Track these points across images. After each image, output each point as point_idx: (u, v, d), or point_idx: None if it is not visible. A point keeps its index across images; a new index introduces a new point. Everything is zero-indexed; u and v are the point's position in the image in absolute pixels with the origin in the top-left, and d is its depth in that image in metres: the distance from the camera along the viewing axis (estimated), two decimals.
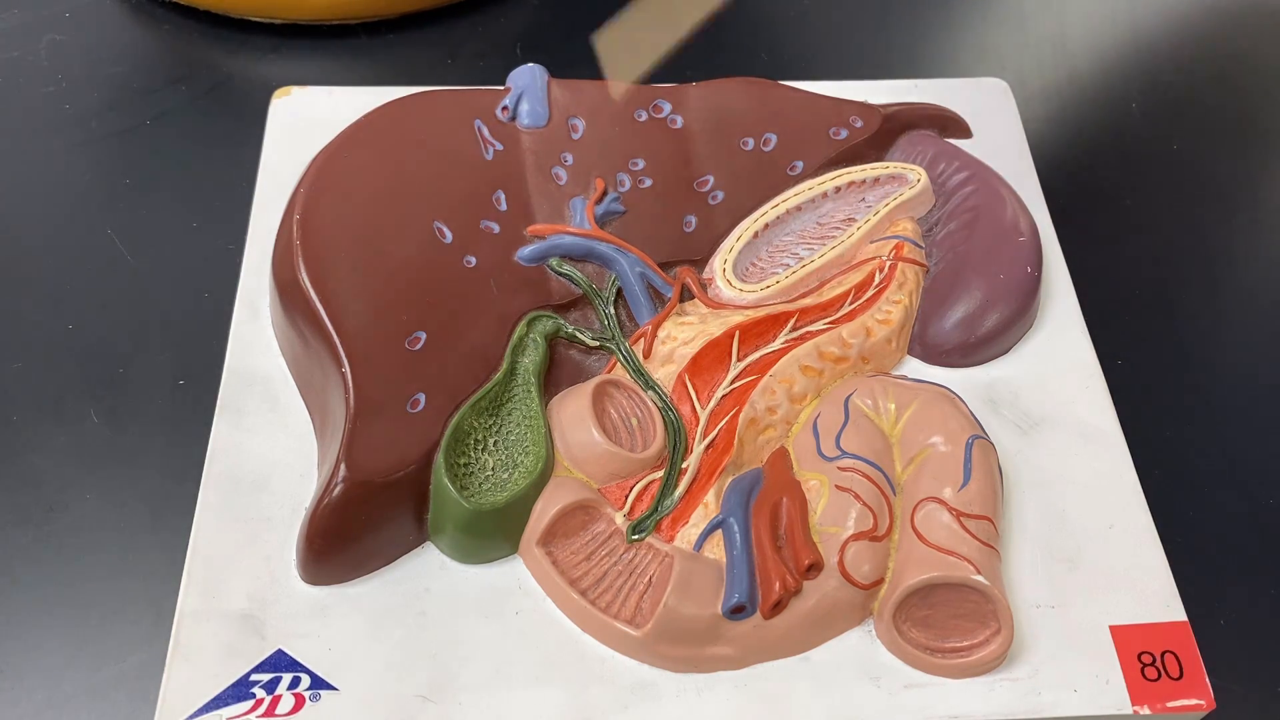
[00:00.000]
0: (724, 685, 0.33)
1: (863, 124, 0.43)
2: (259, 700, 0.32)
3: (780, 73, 0.45)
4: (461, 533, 0.34)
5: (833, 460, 0.35)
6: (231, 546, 0.34)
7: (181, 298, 0.43)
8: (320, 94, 0.45)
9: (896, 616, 0.33)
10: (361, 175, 0.38)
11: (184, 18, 0.52)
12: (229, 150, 0.47)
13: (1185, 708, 0.33)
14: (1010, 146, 0.45)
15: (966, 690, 0.33)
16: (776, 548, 0.34)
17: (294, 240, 0.36)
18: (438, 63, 0.52)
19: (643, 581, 0.34)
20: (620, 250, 0.39)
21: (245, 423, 0.37)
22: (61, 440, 0.39)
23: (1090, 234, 0.47)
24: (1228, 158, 0.51)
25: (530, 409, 0.36)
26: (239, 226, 0.42)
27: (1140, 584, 0.35)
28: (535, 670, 0.33)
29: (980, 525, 0.34)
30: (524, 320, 0.37)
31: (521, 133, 0.41)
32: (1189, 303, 0.46)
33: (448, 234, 0.38)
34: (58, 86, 0.50)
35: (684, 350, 0.37)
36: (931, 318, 0.39)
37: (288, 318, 0.37)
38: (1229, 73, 0.55)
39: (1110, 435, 0.38)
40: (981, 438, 0.35)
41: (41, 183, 0.46)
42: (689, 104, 0.42)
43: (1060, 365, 0.40)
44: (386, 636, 0.33)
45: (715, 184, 0.41)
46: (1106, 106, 0.52)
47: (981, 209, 0.41)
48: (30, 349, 0.41)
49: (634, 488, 0.35)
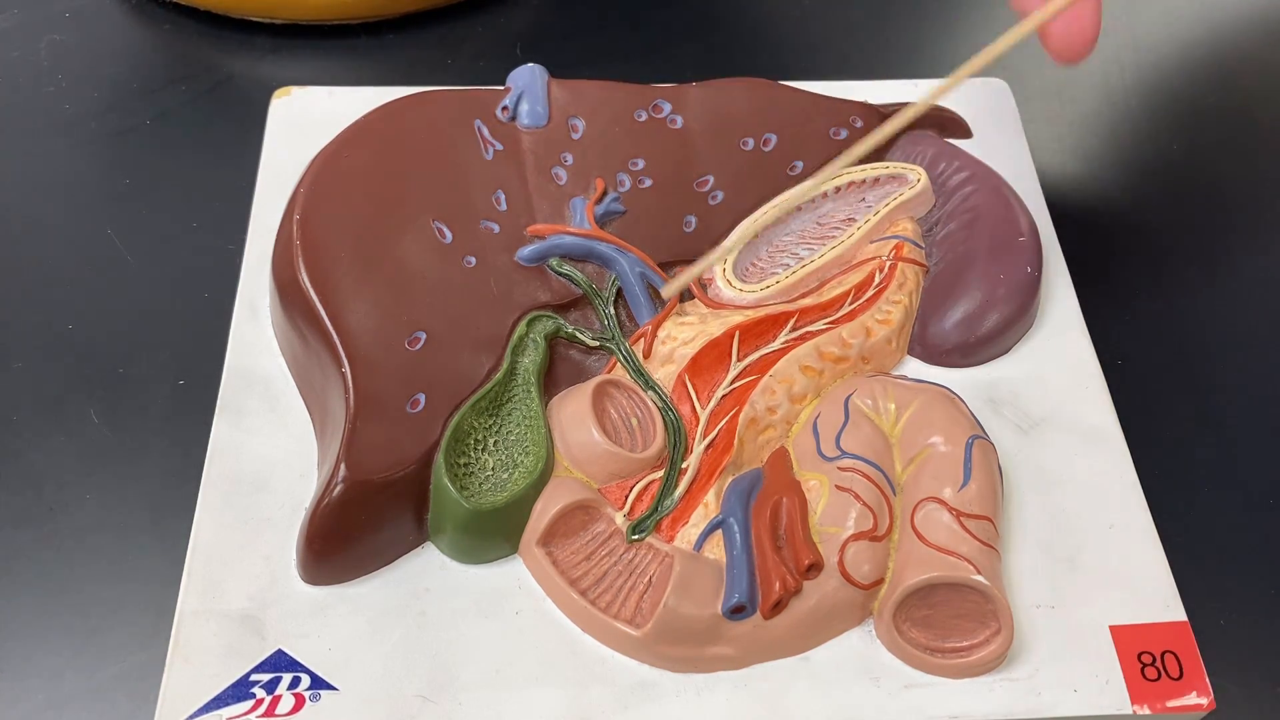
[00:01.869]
0: (724, 685, 0.33)
1: (863, 124, 0.43)
2: (259, 700, 0.32)
3: (780, 73, 0.45)
4: (461, 533, 0.34)
5: (833, 460, 0.35)
6: (231, 546, 0.34)
7: (181, 298, 0.43)
8: (320, 94, 0.45)
9: (896, 616, 0.33)
10: (361, 175, 0.38)
11: (184, 18, 0.52)
12: (229, 150, 0.47)
13: (1185, 708, 0.33)
14: (1010, 146, 0.45)
15: (966, 690, 0.33)
16: (776, 548, 0.34)
17: (294, 240, 0.36)
18: (438, 63, 0.52)
19: (643, 581, 0.34)
20: (620, 250, 0.39)
21: (245, 423, 0.37)
22: (61, 440, 0.39)
23: (1090, 234, 0.47)
24: (1228, 158, 0.51)
25: (530, 409, 0.36)
26: (239, 226, 0.42)
27: (1140, 584, 0.35)
28: (535, 670, 0.33)
29: (980, 525, 0.34)
30: (524, 320, 0.37)
31: (521, 133, 0.41)
32: (1189, 303, 0.46)
33: (448, 234, 0.38)
34: (58, 86, 0.49)
35: (684, 350, 0.37)
36: (931, 318, 0.39)
37: (288, 318, 0.37)
38: (1229, 73, 0.55)
39: (1110, 435, 0.38)
40: (981, 438, 0.35)
41: (41, 183, 0.46)
42: (689, 104, 0.42)
43: (1060, 365, 0.40)
44: (386, 636, 0.33)
45: (715, 184, 0.41)
46: (1106, 106, 0.52)
47: (981, 209, 0.41)
48: (30, 349, 0.41)
49: (634, 488, 0.35)
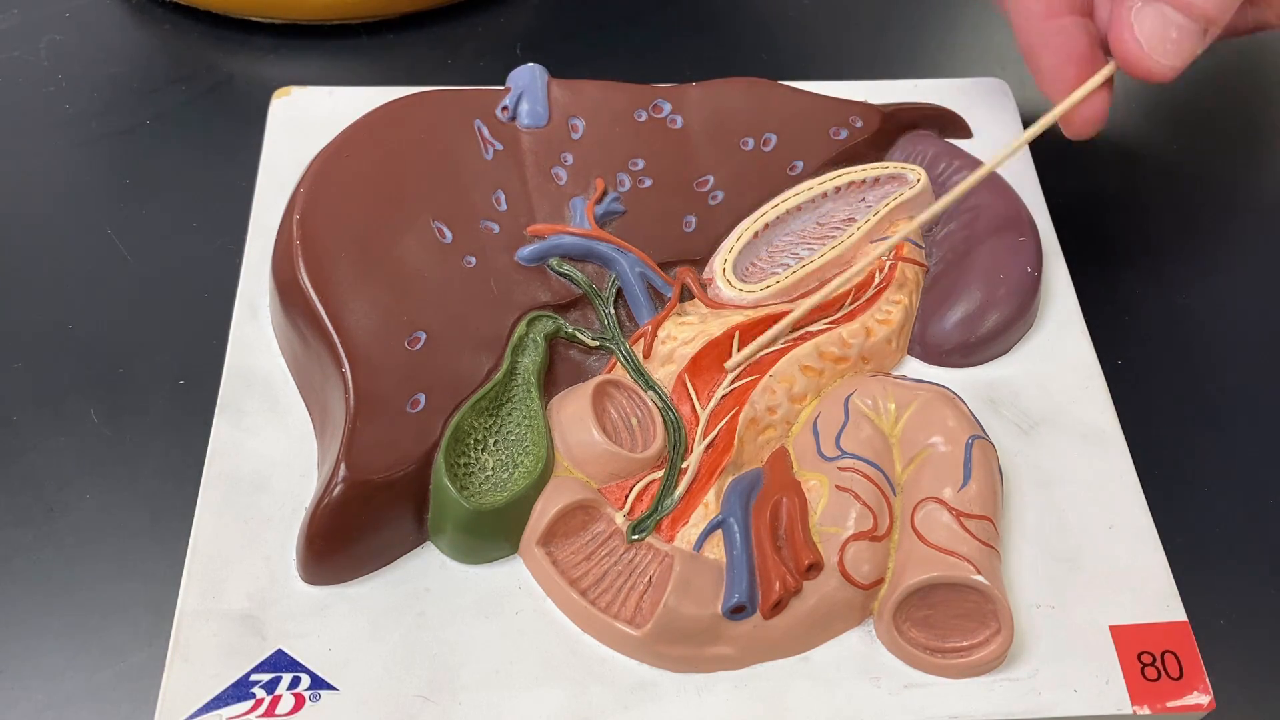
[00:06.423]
0: (724, 685, 0.33)
1: (863, 124, 0.43)
2: (259, 700, 0.32)
3: (780, 73, 0.45)
4: (461, 533, 0.34)
5: (833, 460, 0.35)
6: (231, 546, 0.34)
7: (181, 298, 0.43)
8: (320, 94, 0.45)
9: (896, 616, 0.33)
10: (361, 175, 0.38)
11: (184, 18, 0.52)
12: (229, 150, 0.47)
13: (1185, 708, 0.33)
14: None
15: (966, 690, 0.33)
16: (776, 548, 0.34)
17: (294, 240, 0.36)
18: (438, 63, 0.52)
19: (643, 581, 0.34)
20: (620, 250, 0.39)
21: (245, 423, 0.37)
22: (61, 440, 0.39)
23: (1090, 234, 0.47)
24: (1228, 158, 0.51)
25: (530, 409, 0.36)
26: (239, 226, 0.42)
27: (1140, 584, 0.35)
28: (535, 670, 0.33)
29: (980, 525, 0.34)
30: (524, 320, 0.37)
31: (521, 133, 0.41)
32: (1189, 303, 0.46)
33: (448, 234, 0.38)
34: (58, 86, 0.49)
35: (684, 350, 0.37)
36: (931, 318, 0.39)
37: (288, 318, 0.37)
38: (1230, 73, 0.55)
39: (1110, 435, 0.38)
40: (981, 438, 0.35)
41: (41, 183, 0.46)
42: (689, 104, 0.42)
43: (1060, 365, 0.40)
44: (386, 636, 0.33)
45: (715, 184, 0.41)
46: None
47: (981, 209, 0.41)
48: (30, 349, 0.41)
49: (634, 488, 0.35)
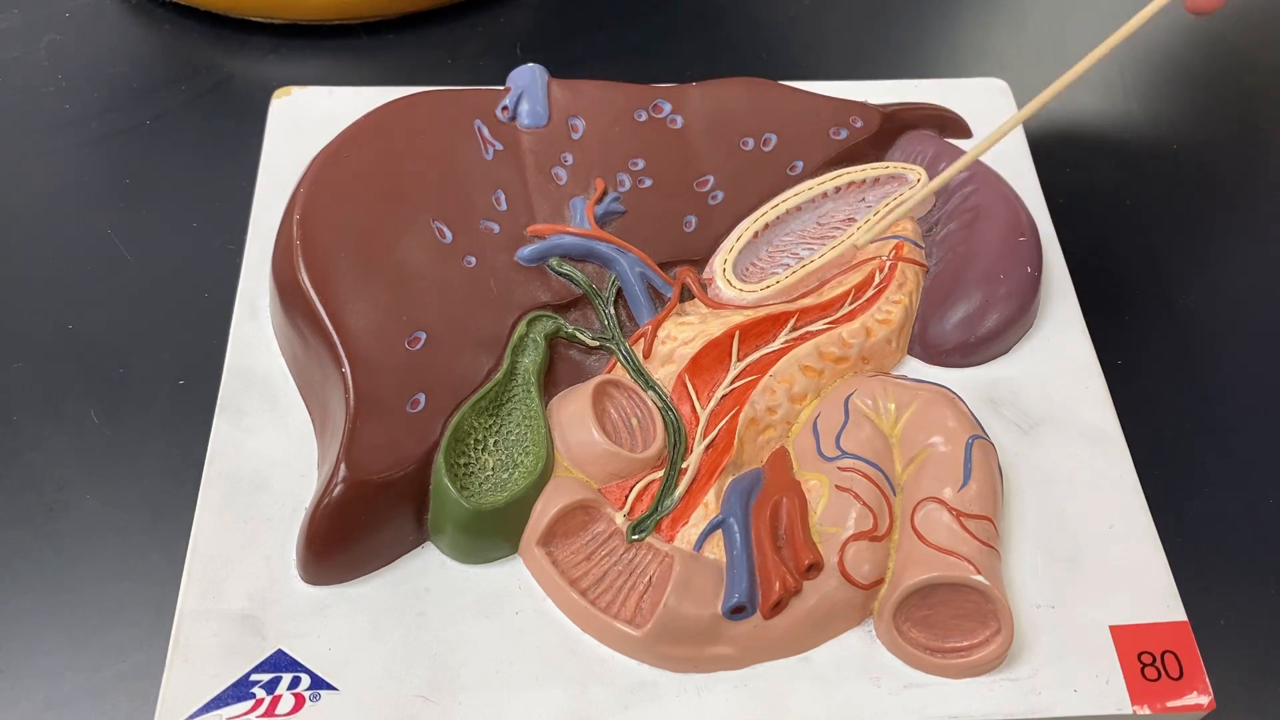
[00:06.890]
0: (724, 685, 0.33)
1: (863, 124, 0.43)
2: (259, 700, 0.32)
3: (780, 73, 0.45)
4: (461, 533, 0.34)
5: (833, 460, 0.35)
6: (231, 546, 0.34)
7: (181, 298, 0.43)
8: (320, 94, 0.45)
9: (897, 616, 0.33)
10: (361, 175, 0.38)
11: (184, 18, 0.52)
12: (229, 150, 0.47)
13: (1185, 707, 0.33)
14: (1010, 146, 0.45)
15: (966, 690, 0.33)
16: (776, 548, 0.34)
17: (294, 240, 0.36)
18: (438, 63, 0.52)
19: (643, 581, 0.34)
20: (620, 250, 0.39)
21: (245, 423, 0.37)
22: (61, 440, 0.39)
23: (1090, 234, 0.47)
24: (1228, 158, 0.51)
25: (530, 409, 0.36)
26: (239, 226, 0.42)
27: (1140, 584, 0.35)
28: (535, 670, 0.33)
29: (980, 525, 0.34)
30: (524, 320, 0.37)
31: (521, 133, 0.41)
32: (1189, 303, 0.46)
33: (448, 234, 0.38)
34: (58, 86, 0.49)
35: (684, 350, 0.37)
36: (931, 318, 0.39)
37: (288, 318, 0.37)
38: (1229, 72, 0.55)
39: (1110, 435, 0.38)
40: (981, 438, 0.35)
41: (41, 183, 0.46)
42: (689, 104, 0.42)
43: (1060, 365, 0.40)
44: (386, 636, 0.33)
45: (715, 184, 0.41)
46: (1106, 106, 0.52)
47: (981, 209, 0.41)
48: (30, 349, 0.41)
49: (634, 488, 0.35)
